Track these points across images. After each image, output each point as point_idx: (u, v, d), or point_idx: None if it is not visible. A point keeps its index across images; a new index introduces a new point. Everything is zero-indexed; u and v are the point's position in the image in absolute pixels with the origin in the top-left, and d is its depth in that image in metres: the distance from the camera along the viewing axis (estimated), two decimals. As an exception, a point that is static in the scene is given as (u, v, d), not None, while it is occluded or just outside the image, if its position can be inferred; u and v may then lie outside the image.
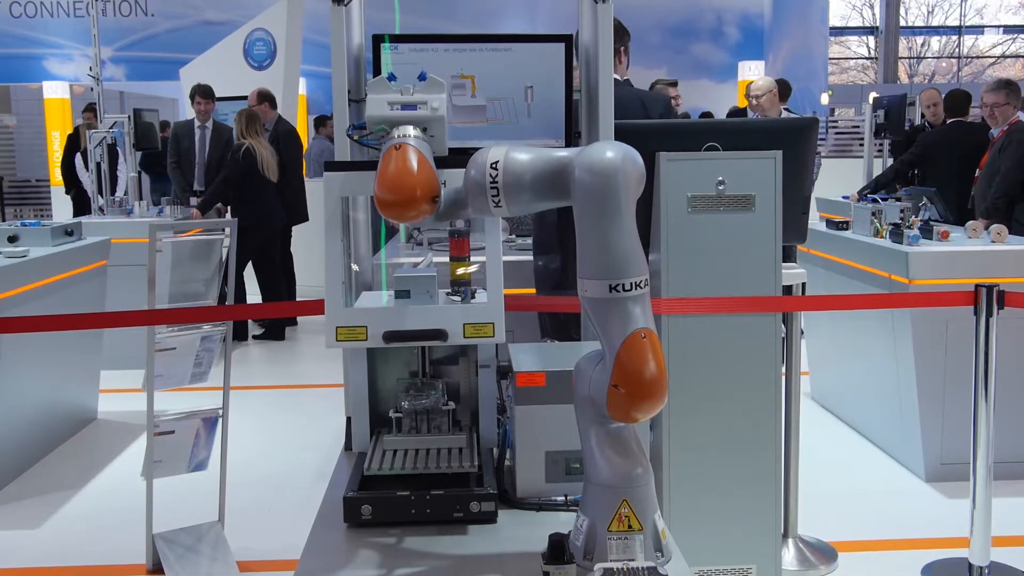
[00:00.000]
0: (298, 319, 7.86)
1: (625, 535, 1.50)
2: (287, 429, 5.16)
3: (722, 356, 2.77)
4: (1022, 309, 3.11)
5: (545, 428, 1.77)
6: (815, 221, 4.96)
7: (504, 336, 1.70)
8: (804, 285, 3.50)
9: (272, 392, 6.03)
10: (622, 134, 2.38)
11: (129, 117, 7.68)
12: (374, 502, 1.68)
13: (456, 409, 1.96)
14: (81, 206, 9.76)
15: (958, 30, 23.25)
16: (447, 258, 1.93)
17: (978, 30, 23.49)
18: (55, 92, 14.07)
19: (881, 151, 9.23)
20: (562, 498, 1.78)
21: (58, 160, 13.42)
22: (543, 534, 1.52)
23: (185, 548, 3.42)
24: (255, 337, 7.42)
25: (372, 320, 1.65)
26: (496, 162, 1.50)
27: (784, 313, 3.24)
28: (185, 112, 8.25)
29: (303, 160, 8.14)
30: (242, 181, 6.91)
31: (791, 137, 2.85)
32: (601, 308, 1.46)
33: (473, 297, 1.92)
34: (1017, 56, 23.77)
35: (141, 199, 7.00)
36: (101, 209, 7.12)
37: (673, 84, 7.96)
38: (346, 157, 2.26)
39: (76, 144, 9.88)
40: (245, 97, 7.80)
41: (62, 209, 12.58)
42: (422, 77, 1.66)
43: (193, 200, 7.21)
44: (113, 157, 8.01)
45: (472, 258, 1.94)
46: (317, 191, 8.56)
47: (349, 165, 1.74)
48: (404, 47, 2.32)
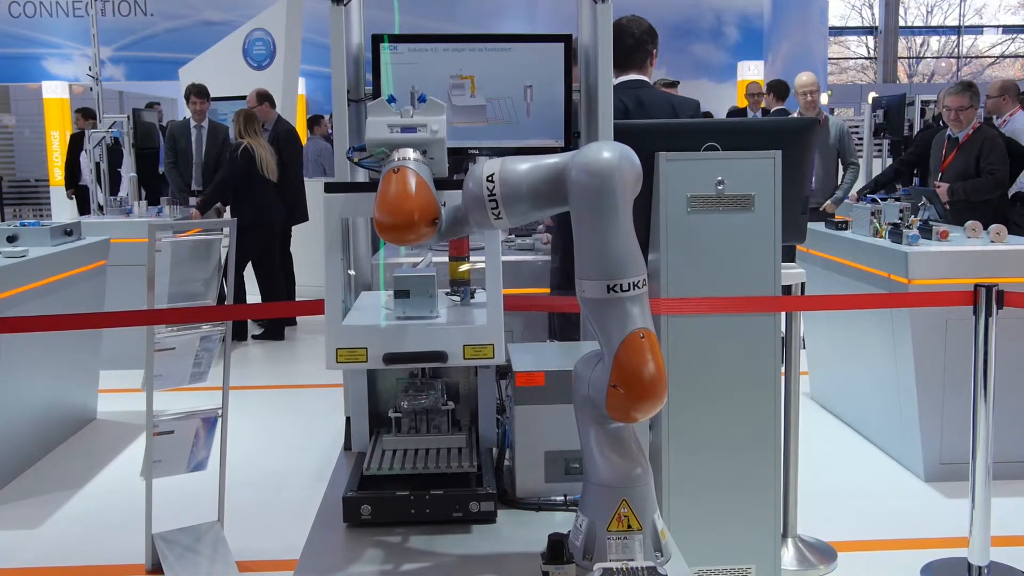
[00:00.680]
0: (297, 319, 7.85)
1: (624, 535, 1.50)
2: (286, 429, 5.16)
3: (722, 356, 2.77)
4: (1021, 309, 3.11)
5: (544, 428, 1.77)
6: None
7: (503, 356, 1.71)
8: (803, 285, 3.50)
9: (271, 392, 6.03)
10: (622, 134, 2.38)
11: (128, 117, 7.69)
12: (373, 502, 1.68)
13: (455, 409, 1.96)
14: (85, 206, 9.79)
15: (957, 30, 23.26)
16: (446, 258, 1.93)
17: (977, 30, 23.50)
18: (54, 92, 14.07)
19: (880, 151, 9.24)
20: (561, 498, 1.78)
21: (57, 160, 13.43)
22: (542, 534, 1.52)
23: (184, 548, 3.42)
24: (254, 337, 7.42)
25: (372, 341, 1.65)
26: (492, 175, 1.50)
27: (784, 313, 3.24)
28: (184, 112, 8.24)
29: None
30: (241, 181, 6.90)
31: (790, 137, 2.85)
32: (599, 308, 1.46)
33: (473, 297, 1.91)
34: (1016, 56, 23.78)
35: (141, 199, 7.00)
36: (100, 207, 7.12)
37: (673, 85, 7.93)
38: (346, 177, 2.25)
39: (80, 144, 9.90)
40: (244, 97, 7.79)
41: (61, 209, 12.58)
42: (422, 99, 1.66)
43: (192, 200, 7.21)
44: (117, 157, 8.02)
45: (472, 257, 1.94)
46: (316, 191, 8.57)
47: (349, 187, 1.74)
48: (403, 47, 2.32)
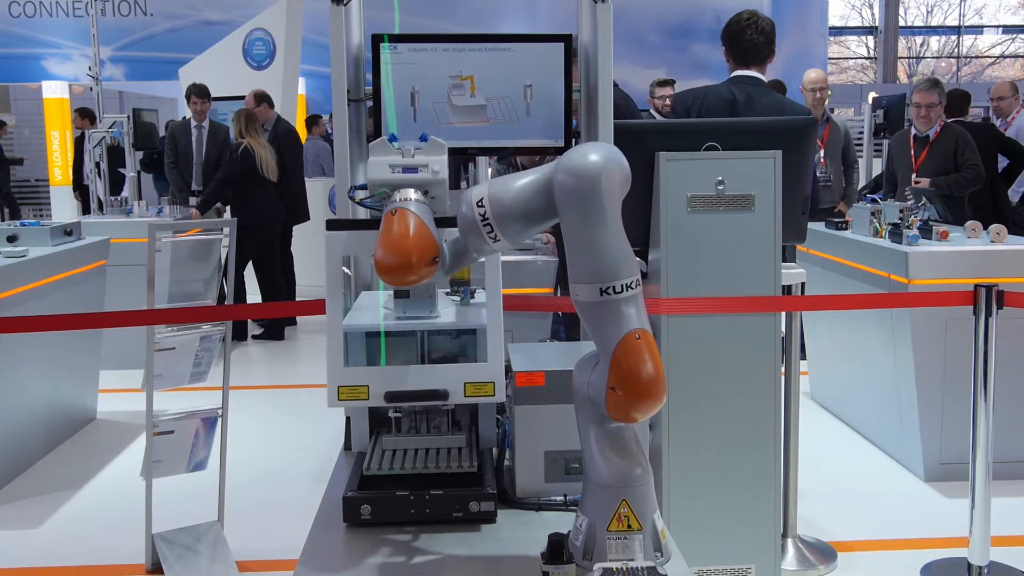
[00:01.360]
0: (297, 319, 7.85)
1: (624, 535, 1.50)
2: (286, 429, 5.16)
3: (721, 356, 2.77)
4: (1021, 309, 3.11)
5: (544, 428, 1.77)
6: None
7: (504, 395, 1.71)
8: (803, 285, 3.50)
9: (271, 392, 6.03)
10: (622, 134, 2.38)
11: (128, 117, 7.69)
12: (373, 502, 1.68)
13: (455, 409, 1.96)
14: (87, 206, 9.79)
15: (957, 30, 23.25)
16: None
17: (977, 30, 23.48)
18: (54, 92, 14.05)
19: (880, 151, 9.23)
20: (561, 498, 1.78)
21: (57, 160, 13.43)
22: (542, 534, 1.52)
23: (184, 548, 3.42)
24: (254, 337, 7.42)
25: (373, 380, 1.66)
26: (481, 198, 1.50)
27: (784, 313, 3.24)
28: (184, 112, 8.24)
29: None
30: (241, 181, 6.90)
31: (790, 137, 2.85)
32: (594, 311, 1.45)
33: (472, 297, 1.92)
34: (1016, 56, 23.77)
35: (140, 199, 7.00)
36: (100, 207, 7.12)
37: (668, 84, 7.93)
38: (347, 214, 2.25)
39: (83, 145, 9.91)
40: (244, 97, 7.80)
41: (61, 209, 12.58)
42: (423, 138, 1.66)
43: (192, 200, 7.21)
44: (119, 157, 8.02)
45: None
46: (316, 191, 8.57)
47: (351, 224, 1.73)
48: (403, 47, 2.31)
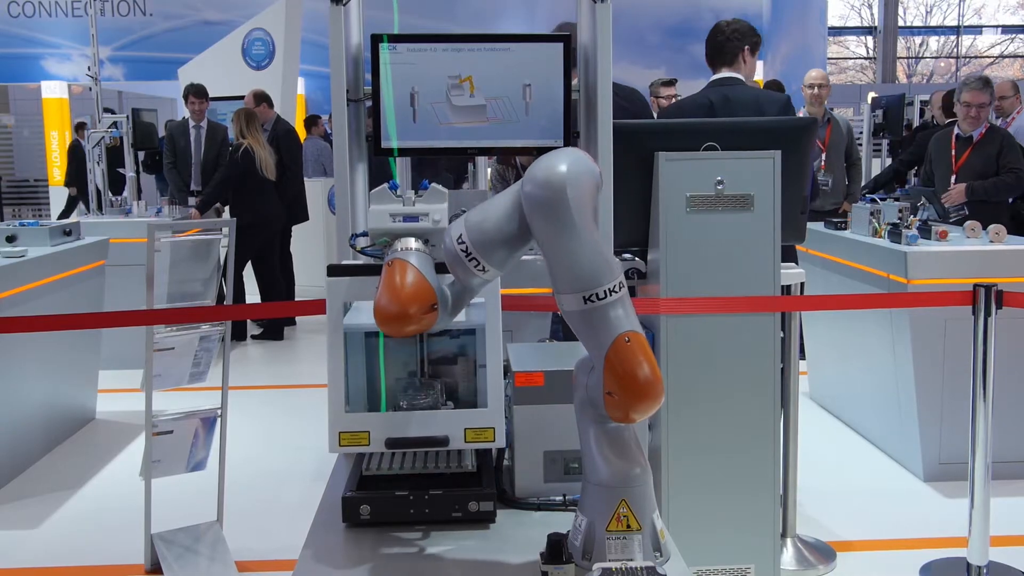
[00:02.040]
0: (297, 319, 7.85)
1: (623, 535, 1.50)
2: (285, 429, 5.16)
3: (721, 356, 2.77)
4: (1020, 309, 3.11)
5: (544, 428, 1.77)
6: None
7: (503, 440, 1.71)
8: (803, 285, 3.50)
9: (271, 392, 6.03)
10: (621, 134, 2.37)
11: (128, 117, 7.68)
12: (373, 502, 1.68)
13: (455, 409, 1.96)
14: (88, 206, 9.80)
15: (956, 30, 23.25)
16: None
17: (976, 30, 23.48)
18: (53, 92, 14.07)
19: (880, 151, 9.24)
20: (560, 498, 1.78)
21: (56, 160, 13.43)
22: (541, 534, 1.52)
23: (184, 548, 3.42)
24: (254, 337, 7.42)
25: (374, 426, 1.66)
26: (460, 235, 1.49)
27: (783, 313, 3.24)
28: (183, 112, 8.24)
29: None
30: (241, 181, 6.90)
31: (790, 137, 2.85)
32: (581, 319, 1.44)
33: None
34: (1015, 56, 23.78)
35: (140, 199, 7.00)
36: (100, 207, 7.12)
37: (670, 83, 7.92)
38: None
39: (77, 153, 9.91)
40: (243, 97, 7.80)
41: (61, 209, 12.57)
42: (424, 186, 1.66)
43: (191, 200, 7.20)
44: (120, 157, 8.01)
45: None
46: (315, 191, 8.58)
47: (352, 270, 1.73)
48: (402, 47, 2.31)
